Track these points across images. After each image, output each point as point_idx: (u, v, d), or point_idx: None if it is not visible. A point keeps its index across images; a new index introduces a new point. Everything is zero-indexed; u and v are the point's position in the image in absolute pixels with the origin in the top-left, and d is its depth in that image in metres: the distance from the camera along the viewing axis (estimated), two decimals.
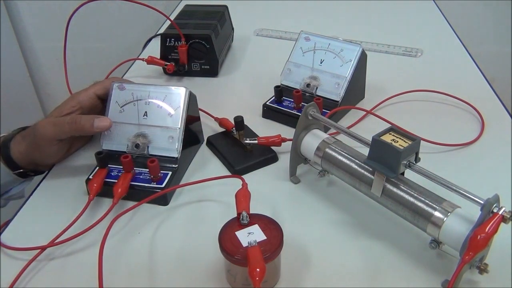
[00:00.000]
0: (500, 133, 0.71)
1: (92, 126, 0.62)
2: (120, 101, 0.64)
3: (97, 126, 0.62)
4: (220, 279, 0.50)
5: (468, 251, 0.43)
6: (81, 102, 0.65)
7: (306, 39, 0.78)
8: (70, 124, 0.61)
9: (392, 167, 0.50)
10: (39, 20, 1.53)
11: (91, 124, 0.61)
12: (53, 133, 0.62)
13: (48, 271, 0.52)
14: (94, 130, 0.62)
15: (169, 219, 0.58)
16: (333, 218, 0.57)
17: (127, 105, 0.64)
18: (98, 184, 0.59)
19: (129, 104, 0.64)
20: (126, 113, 0.64)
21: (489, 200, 0.43)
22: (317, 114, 0.59)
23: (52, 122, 0.62)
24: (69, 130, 0.62)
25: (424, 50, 0.98)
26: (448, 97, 0.80)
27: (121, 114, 0.64)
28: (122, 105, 0.64)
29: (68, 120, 0.62)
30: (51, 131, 0.62)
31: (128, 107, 0.64)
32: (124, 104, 0.64)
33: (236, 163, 0.65)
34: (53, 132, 0.62)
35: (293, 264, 0.51)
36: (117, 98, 0.65)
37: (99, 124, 0.62)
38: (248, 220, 0.48)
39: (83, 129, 0.62)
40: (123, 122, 0.64)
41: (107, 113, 0.64)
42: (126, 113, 0.64)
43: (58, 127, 0.62)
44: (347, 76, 0.73)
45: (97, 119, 0.62)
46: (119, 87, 0.65)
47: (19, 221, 0.59)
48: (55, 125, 0.62)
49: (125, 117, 0.64)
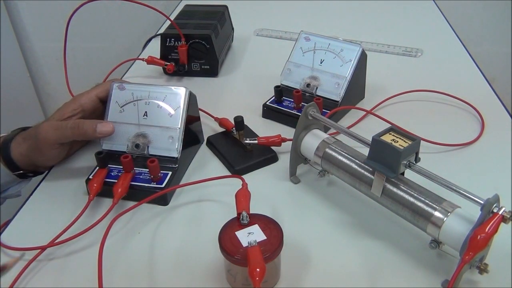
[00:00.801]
0: (500, 133, 0.71)
1: (95, 131, 0.62)
2: (120, 101, 0.64)
3: (100, 131, 0.62)
4: (220, 279, 0.50)
5: (468, 251, 0.43)
6: (83, 105, 0.65)
7: (306, 39, 0.78)
8: (72, 129, 0.61)
9: (392, 167, 0.50)
10: (39, 20, 1.53)
11: (93, 129, 0.61)
12: (55, 138, 0.62)
13: (48, 271, 0.52)
14: (97, 135, 0.62)
15: (169, 219, 0.58)
16: (333, 218, 0.57)
17: (127, 105, 0.64)
18: (98, 184, 0.59)
19: (129, 104, 0.64)
20: (126, 113, 0.64)
21: (489, 200, 0.43)
22: (317, 114, 0.59)
23: (54, 126, 0.62)
24: (72, 135, 0.62)
25: (424, 50, 0.98)
26: (448, 97, 0.80)
27: (121, 114, 0.64)
28: (122, 105, 0.64)
29: (70, 125, 0.61)
30: (53, 135, 0.61)
31: (128, 107, 0.64)
32: (124, 104, 0.64)
33: (236, 163, 0.65)
34: (55, 136, 0.62)
35: (293, 264, 0.51)
36: (117, 98, 0.65)
37: (102, 129, 0.62)
38: (248, 220, 0.48)
39: (85, 134, 0.62)
40: (123, 122, 0.64)
41: (107, 113, 0.64)
42: (126, 113, 0.64)
43: (60, 132, 0.61)
44: (347, 76, 0.73)
45: (99, 124, 0.62)
46: (119, 87, 0.65)
47: (19, 221, 0.59)
48: (57, 129, 0.61)
49: (125, 117, 0.64)
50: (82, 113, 0.65)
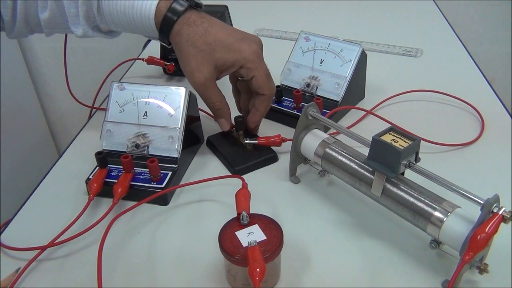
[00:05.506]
0: (500, 133, 0.71)
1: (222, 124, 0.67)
2: (120, 101, 0.64)
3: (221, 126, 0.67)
4: (220, 279, 0.50)
5: (468, 251, 0.43)
6: None
7: (306, 39, 0.78)
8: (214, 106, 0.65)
9: (392, 167, 0.50)
10: None
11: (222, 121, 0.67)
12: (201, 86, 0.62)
13: (48, 271, 0.52)
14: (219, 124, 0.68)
15: (169, 219, 0.58)
16: (333, 218, 0.57)
17: (127, 105, 0.64)
18: (98, 184, 0.59)
19: (129, 104, 0.64)
20: (126, 113, 0.64)
21: (489, 200, 0.43)
22: (317, 114, 0.59)
23: (206, 86, 0.62)
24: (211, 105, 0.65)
25: (424, 50, 0.98)
26: (448, 97, 0.80)
27: (121, 114, 0.64)
28: (122, 105, 0.64)
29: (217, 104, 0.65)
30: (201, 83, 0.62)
31: (128, 107, 0.64)
32: (124, 104, 0.64)
33: (236, 163, 0.65)
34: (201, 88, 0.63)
35: (293, 264, 0.51)
36: (117, 98, 0.65)
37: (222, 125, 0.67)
38: (248, 220, 0.48)
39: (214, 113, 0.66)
40: (123, 122, 0.64)
41: (107, 113, 0.64)
42: (126, 113, 0.64)
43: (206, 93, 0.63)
44: (347, 76, 0.73)
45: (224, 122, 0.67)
46: (119, 87, 0.65)
47: (19, 221, 0.59)
48: (206, 89, 0.63)
49: (125, 117, 0.64)
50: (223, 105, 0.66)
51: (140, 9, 0.62)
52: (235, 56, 0.61)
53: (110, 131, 0.64)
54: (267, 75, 0.63)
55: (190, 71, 0.62)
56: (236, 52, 0.61)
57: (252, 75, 0.62)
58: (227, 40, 0.61)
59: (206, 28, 0.61)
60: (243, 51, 0.61)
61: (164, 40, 0.64)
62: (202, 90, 0.63)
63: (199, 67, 0.61)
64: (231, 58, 0.61)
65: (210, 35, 0.61)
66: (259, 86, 0.63)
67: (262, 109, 0.65)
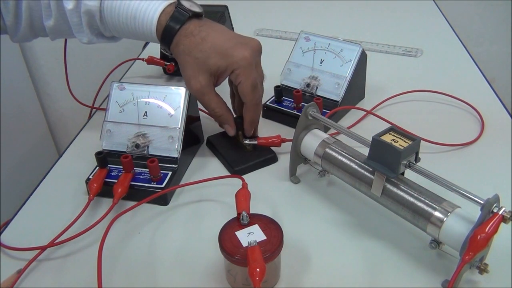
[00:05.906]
0: (500, 133, 0.71)
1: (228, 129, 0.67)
2: (120, 101, 0.64)
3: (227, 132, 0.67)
4: (220, 279, 0.50)
5: (468, 251, 0.43)
6: None
7: (306, 39, 0.78)
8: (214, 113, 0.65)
9: (392, 167, 0.50)
10: None
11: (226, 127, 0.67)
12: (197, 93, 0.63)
13: (48, 271, 0.52)
14: None
15: (169, 219, 0.58)
16: (333, 218, 0.57)
17: (127, 105, 0.64)
18: (98, 184, 0.59)
19: (129, 104, 0.64)
20: (126, 113, 0.64)
21: (489, 200, 0.43)
22: (317, 114, 0.59)
23: (202, 93, 0.63)
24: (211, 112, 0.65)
25: (424, 50, 0.98)
26: (448, 97, 0.80)
27: (121, 114, 0.64)
28: (122, 105, 0.64)
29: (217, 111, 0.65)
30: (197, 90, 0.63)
31: (128, 107, 0.64)
32: (124, 104, 0.64)
33: (236, 163, 0.65)
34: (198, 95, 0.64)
35: (293, 264, 0.51)
36: (117, 98, 0.65)
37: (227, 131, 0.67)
38: (248, 220, 0.48)
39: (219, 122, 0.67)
40: (123, 122, 0.64)
41: (107, 113, 0.64)
42: (126, 113, 0.64)
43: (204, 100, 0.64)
44: (347, 76, 0.73)
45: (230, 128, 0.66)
46: (119, 87, 0.65)
47: (19, 221, 0.59)
48: (203, 95, 0.63)
49: (125, 117, 0.64)
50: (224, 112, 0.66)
51: (141, 23, 0.63)
52: (227, 61, 0.62)
53: (110, 131, 0.64)
54: (253, 84, 0.62)
55: (187, 78, 0.63)
56: (229, 57, 0.62)
57: (239, 81, 0.62)
58: (223, 46, 0.62)
59: (203, 37, 0.62)
60: (235, 57, 0.61)
61: (166, 50, 0.66)
62: (199, 96, 0.64)
63: (195, 74, 0.62)
64: (224, 63, 0.62)
65: (207, 42, 0.62)
66: (242, 93, 0.63)
67: (247, 117, 0.65)
